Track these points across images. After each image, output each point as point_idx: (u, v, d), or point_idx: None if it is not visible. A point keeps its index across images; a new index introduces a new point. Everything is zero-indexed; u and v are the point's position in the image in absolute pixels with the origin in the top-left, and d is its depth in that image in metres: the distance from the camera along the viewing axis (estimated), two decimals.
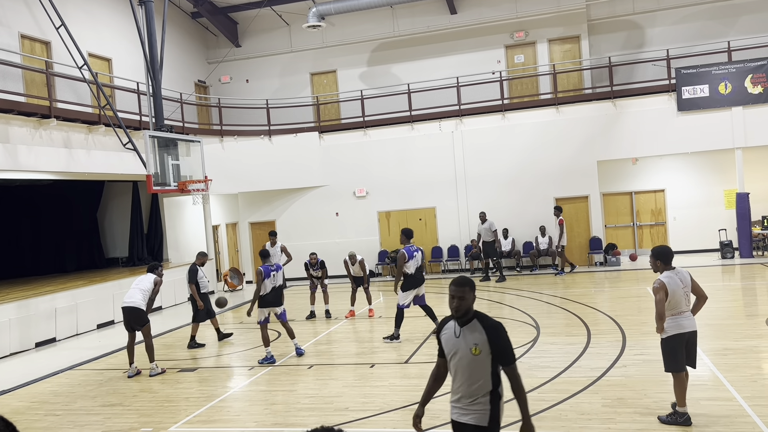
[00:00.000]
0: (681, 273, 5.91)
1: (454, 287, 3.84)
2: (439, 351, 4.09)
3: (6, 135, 12.02)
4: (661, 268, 5.90)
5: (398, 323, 10.36)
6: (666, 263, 5.88)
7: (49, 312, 12.61)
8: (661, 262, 5.90)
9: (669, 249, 5.95)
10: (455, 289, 3.82)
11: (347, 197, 19.49)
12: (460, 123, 18.67)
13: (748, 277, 14.31)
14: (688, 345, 5.92)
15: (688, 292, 5.90)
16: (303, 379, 8.50)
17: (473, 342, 3.79)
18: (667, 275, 5.83)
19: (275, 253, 13.62)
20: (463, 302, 3.80)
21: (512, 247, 18.09)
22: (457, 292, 3.80)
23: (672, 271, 5.87)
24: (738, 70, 16.93)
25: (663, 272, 5.88)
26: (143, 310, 9.47)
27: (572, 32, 19.47)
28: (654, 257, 5.94)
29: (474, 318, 3.87)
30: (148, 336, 9.51)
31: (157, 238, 18.26)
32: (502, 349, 3.81)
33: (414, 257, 10.27)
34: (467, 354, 3.80)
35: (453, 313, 3.86)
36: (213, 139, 18.64)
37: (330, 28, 20.80)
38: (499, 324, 3.84)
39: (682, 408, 5.91)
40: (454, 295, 3.82)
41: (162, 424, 7.10)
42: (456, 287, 3.82)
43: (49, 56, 14.65)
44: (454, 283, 3.85)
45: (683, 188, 18.90)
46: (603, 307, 11.85)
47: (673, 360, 5.88)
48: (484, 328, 3.80)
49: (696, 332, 5.97)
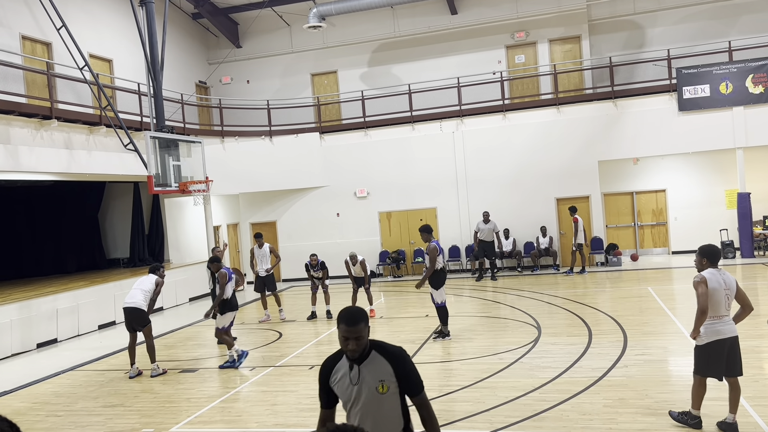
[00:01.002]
0: (725, 274, 5.61)
1: (347, 327, 3.18)
2: (325, 402, 3.44)
3: (7, 136, 12.03)
4: (707, 266, 5.63)
5: (445, 320, 10.24)
6: (712, 262, 5.61)
7: (50, 313, 12.62)
8: (707, 260, 5.62)
9: (718, 249, 5.67)
10: (350, 330, 3.17)
11: (348, 198, 19.49)
12: (461, 123, 18.67)
13: (749, 277, 14.30)
14: (730, 352, 5.57)
15: (730, 295, 5.55)
16: (304, 380, 8.50)
17: (378, 379, 3.25)
18: (710, 272, 5.55)
19: (263, 255, 13.53)
20: (360, 342, 3.20)
21: (513, 248, 18.09)
22: (353, 333, 3.18)
23: (716, 269, 5.62)
24: (739, 70, 16.92)
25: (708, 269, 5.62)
26: (144, 311, 9.48)
27: (573, 32, 19.46)
28: (700, 255, 5.67)
29: (371, 350, 3.29)
30: (150, 337, 9.51)
31: (158, 238, 18.27)
32: (410, 376, 3.27)
33: (443, 252, 10.27)
34: (373, 396, 3.26)
35: (350, 356, 3.25)
36: (214, 140, 18.65)
37: (331, 28, 20.80)
38: (400, 349, 3.32)
39: (696, 411, 5.80)
40: (348, 337, 3.18)
41: (163, 424, 7.10)
42: (350, 327, 3.18)
43: (50, 57, 14.67)
44: (346, 322, 3.19)
45: (684, 188, 18.88)
46: (604, 307, 11.84)
47: (705, 366, 5.62)
48: (386, 358, 3.26)
49: (737, 337, 5.63)
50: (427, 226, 10.36)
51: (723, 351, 5.57)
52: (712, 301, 5.48)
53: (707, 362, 5.62)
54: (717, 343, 5.54)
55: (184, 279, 16.76)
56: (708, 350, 5.58)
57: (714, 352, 5.55)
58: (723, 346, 5.56)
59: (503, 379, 7.76)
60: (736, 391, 5.70)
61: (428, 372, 8.44)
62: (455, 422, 6.40)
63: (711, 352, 5.57)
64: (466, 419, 6.47)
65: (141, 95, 15.64)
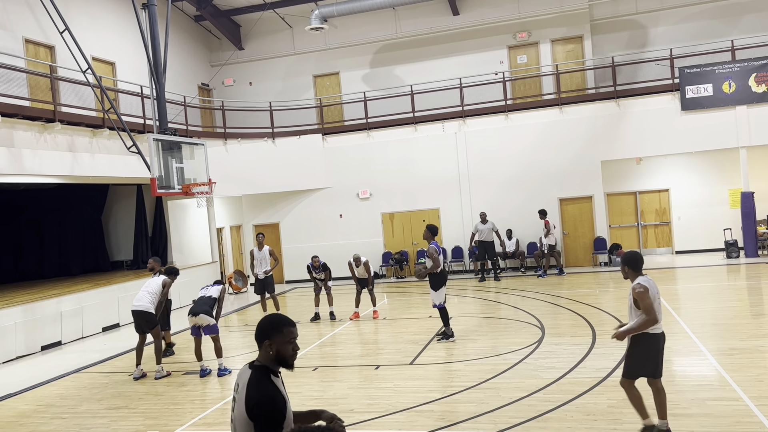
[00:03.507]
0: (652, 280, 5.60)
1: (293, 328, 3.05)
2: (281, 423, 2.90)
3: (11, 139, 12.06)
4: (632, 276, 5.59)
5: (446, 321, 10.23)
6: (635, 270, 5.58)
7: (54, 315, 12.65)
8: (629, 268, 5.59)
9: (639, 255, 5.63)
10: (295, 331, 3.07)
11: (351, 199, 19.50)
12: (463, 124, 18.66)
13: (753, 276, 14.26)
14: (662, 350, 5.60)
15: (659, 300, 5.58)
16: (308, 381, 8.50)
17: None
18: (645, 280, 5.50)
19: (263, 257, 13.47)
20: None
21: (516, 248, 18.08)
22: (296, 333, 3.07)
23: (645, 276, 5.58)
24: (742, 69, 16.89)
25: (637, 277, 5.56)
26: (152, 313, 9.56)
27: (575, 32, 19.44)
28: (623, 263, 5.64)
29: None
30: (158, 338, 9.60)
31: (161, 241, 18.30)
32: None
33: (443, 252, 10.26)
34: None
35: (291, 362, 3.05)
36: (217, 142, 18.68)
37: (333, 30, 20.82)
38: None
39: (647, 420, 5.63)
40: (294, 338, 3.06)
41: (168, 426, 7.11)
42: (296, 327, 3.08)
43: (53, 60, 14.71)
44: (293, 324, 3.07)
45: (688, 188, 18.84)
46: (608, 307, 11.82)
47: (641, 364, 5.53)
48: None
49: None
50: (432, 225, 10.36)
51: (660, 345, 5.54)
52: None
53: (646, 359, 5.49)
54: (657, 338, 5.50)
55: (187, 281, 16.75)
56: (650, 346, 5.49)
57: (655, 344, 5.49)
58: (661, 339, 5.54)
59: (507, 379, 7.75)
60: (661, 394, 5.63)
61: (432, 373, 8.45)
62: (459, 423, 6.40)
63: (652, 347, 5.48)
64: (470, 420, 6.46)
65: (144, 98, 15.67)
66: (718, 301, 11.74)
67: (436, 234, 10.29)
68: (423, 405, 7.07)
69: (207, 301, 9.23)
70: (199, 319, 9.09)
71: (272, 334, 3.00)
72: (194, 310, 9.15)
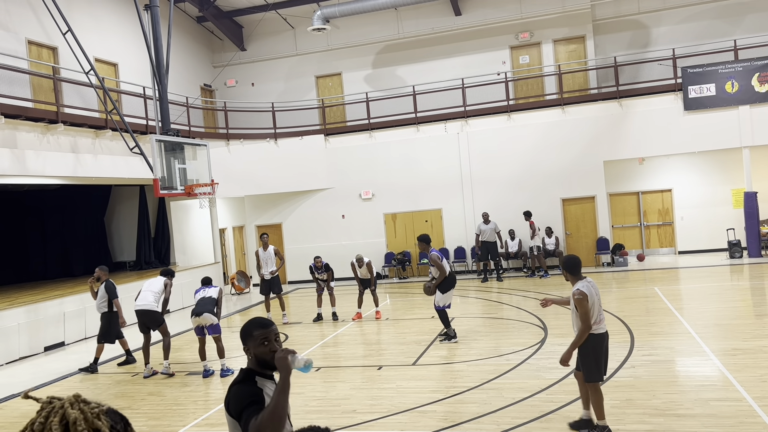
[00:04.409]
0: (593, 283, 5.78)
1: (263, 330, 3.02)
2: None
3: (14, 140, 12.09)
4: (572, 280, 5.76)
5: (447, 323, 10.23)
6: (574, 274, 5.74)
7: (57, 316, 12.67)
8: (568, 272, 5.76)
9: (577, 260, 5.81)
10: (267, 332, 3.02)
11: (353, 199, 19.50)
12: (465, 124, 18.66)
13: (756, 276, 14.23)
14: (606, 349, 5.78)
15: (600, 300, 5.77)
16: (310, 382, 8.50)
17: None
18: (584, 285, 5.67)
19: (269, 258, 13.42)
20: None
21: (519, 248, 18.06)
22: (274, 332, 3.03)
23: (584, 280, 5.74)
24: (745, 69, 16.85)
25: (578, 282, 5.73)
26: (159, 311, 9.77)
27: (577, 32, 19.43)
28: (562, 268, 5.85)
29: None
30: (167, 335, 9.77)
31: (164, 241, 18.34)
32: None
33: (443, 256, 10.30)
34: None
35: (272, 363, 2.96)
36: (219, 143, 18.69)
37: (335, 30, 20.83)
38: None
39: (602, 421, 5.77)
40: (270, 338, 3.01)
41: (170, 427, 7.12)
42: (268, 328, 3.04)
43: (56, 62, 14.74)
44: (263, 326, 3.04)
45: (690, 188, 18.81)
46: (611, 307, 11.80)
47: (596, 368, 5.70)
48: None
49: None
50: (424, 236, 10.42)
51: (604, 345, 5.74)
52: (593, 311, 5.64)
53: (598, 362, 5.70)
54: (601, 337, 5.70)
55: (190, 282, 16.77)
56: (595, 347, 5.67)
57: (599, 347, 5.68)
58: (604, 339, 5.72)
59: (510, 380, 7.75)
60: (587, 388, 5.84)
61: (434, 373, 8.44)
62: (462, 424, 6.39)
63: (597, 347, 5.67)
64: (473, 421, 6.46)
65: (146, 99, 15.69)
66: (721, 302, 11.71)
67: (429, 242, 10.38)
68: (426, 405, 7.06)
69: (209, 301, 9.32)
70: (203, 318, 9.16)
71: (246, 340, 3.06)
72: (197, 310, 9.22)
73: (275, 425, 2.65)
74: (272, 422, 2.64)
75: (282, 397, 2.69)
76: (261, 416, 2.67)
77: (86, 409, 1.52)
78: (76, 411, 1.50)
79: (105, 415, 1.55)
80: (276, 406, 2.67)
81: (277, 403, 2.68)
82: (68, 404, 1.52)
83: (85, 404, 1.54)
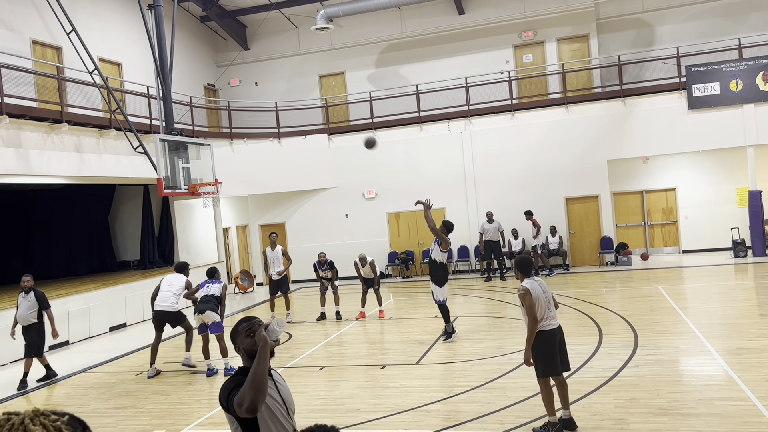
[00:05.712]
0: (541, 282, 6.10)
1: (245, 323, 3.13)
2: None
3: (18, 140, 12.13)
4: (521, 278, 6.09)
5: (447, 318, 10.25)
6: (525, 273, 6.06)
7: (61, 315, 12.68)
8: (519, 272, 6.10)
9: (528, 260, 6.15)
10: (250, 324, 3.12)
11: (356, 199, 19.50)
12: (469, 123, 18.64)
13: (761, 275, 14.19)
14: (560, 346, 6.01)
15: (549, 297, 6.03)
16: (314, 381, 8.52)
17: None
18: (529, 282, 5.98)
19: (276, 257, 13.35)
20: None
21: (522, 247, 18.03)
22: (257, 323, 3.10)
23: (531, 279, 6.04)
24: (749, 67, 16.79)
25: (525, 280, 6.03)
26: (179, 312, 9.82)
27: (581, 31, 19.39)
28: (514, 268, 6.22)
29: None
30: (190, 329, 9.87)
31: (168, 241, 18.37)
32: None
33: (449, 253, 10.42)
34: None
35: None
36: (223, 142, 18.72)
37: (338, 30, 20.84)
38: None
39: (553, 417, 5.93)
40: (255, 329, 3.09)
41: (174, 426, 7.14)
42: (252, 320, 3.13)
43: (60, 61, 14.77)
44: (247, 320, 3.16)
45: (695, 187, 18.76)
46: (614, 306, 11.79)
47: (548, 365, 5.90)
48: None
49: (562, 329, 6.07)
50: (447, 222, 10.67)
51: (555, 342, 5.93)
52: (538, 307, 5.87)
53: (547, 359, 5.89)
54: (548, 334, 5.88)
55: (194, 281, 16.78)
56: (544, 344, 5.88)
57: (548, 344, 5.88)
58: (554, 336, 5.92)
59: (513, 379, 7.74)
60: (564, 387, 6.06)
61: (437, 373, 8.45)
62: (465, 423, 6.40)
63: (546, 344, 5.88)
64: (476, 420, 6.46)
65: (150, 98, 15.73)
66: (725, 301, 11.68)
67: (451, 230, 10.83)
68: (429, 405, 7.07)
69: (211, 299, 9.37)
70: (206, 316, 9.21)
71: (235, 338, 3.15)
72: (200, 308, 9.26)
73: (255, 393, 2.77)
74: (252, 390, 2.77)
75: (260, 366, 2.83)
76: (242, 387, 2.81)
77: (47, 423, 1.50)
78: (38, 426, 1.48)
79: (67, 425, 1.53)
80: (254, 374, 2.80)
81: (255, 371, 2.81)
82: (28, 419, 1.49)
83: (45, 417, 1.52)
